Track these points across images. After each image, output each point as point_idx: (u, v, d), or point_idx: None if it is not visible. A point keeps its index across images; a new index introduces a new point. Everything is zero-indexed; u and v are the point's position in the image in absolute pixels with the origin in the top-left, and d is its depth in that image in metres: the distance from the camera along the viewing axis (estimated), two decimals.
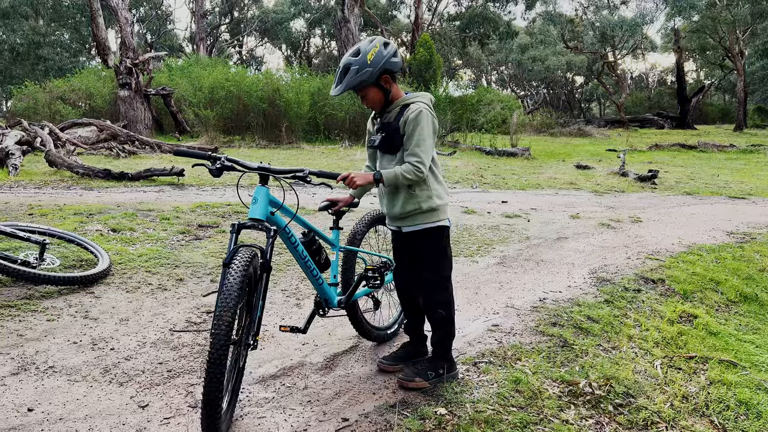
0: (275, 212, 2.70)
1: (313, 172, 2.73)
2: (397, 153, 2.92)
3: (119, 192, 8.32)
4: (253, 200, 2.65)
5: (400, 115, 2.88)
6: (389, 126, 2.91)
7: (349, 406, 2.80)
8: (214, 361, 2.24)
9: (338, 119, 19.12)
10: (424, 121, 2.81)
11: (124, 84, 17.81)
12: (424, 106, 2.85)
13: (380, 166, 3.03)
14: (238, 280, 2.33)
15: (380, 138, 2.93)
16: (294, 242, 2.82)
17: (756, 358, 3.95)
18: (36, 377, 2.91)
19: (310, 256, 2.91)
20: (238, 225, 2.62)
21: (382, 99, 2.87)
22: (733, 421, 3.05)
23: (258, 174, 2.70)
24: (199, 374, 3.02)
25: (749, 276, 5.45)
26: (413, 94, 2.94)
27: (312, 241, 2.95)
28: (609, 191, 10.50)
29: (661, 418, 2.92)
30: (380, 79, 2.80)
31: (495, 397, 2.90)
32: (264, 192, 2.65)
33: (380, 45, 2.78)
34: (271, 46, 52.08)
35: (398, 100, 2.92)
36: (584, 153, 18.72)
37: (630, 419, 2.86)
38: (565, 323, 3.94)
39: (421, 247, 2.97)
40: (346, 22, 23.24)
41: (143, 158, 12.61)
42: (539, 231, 6.78)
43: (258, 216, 2.61)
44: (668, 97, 46.93)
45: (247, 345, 2.62)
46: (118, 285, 4.22)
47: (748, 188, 11.06)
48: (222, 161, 2.66)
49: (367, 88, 2.81)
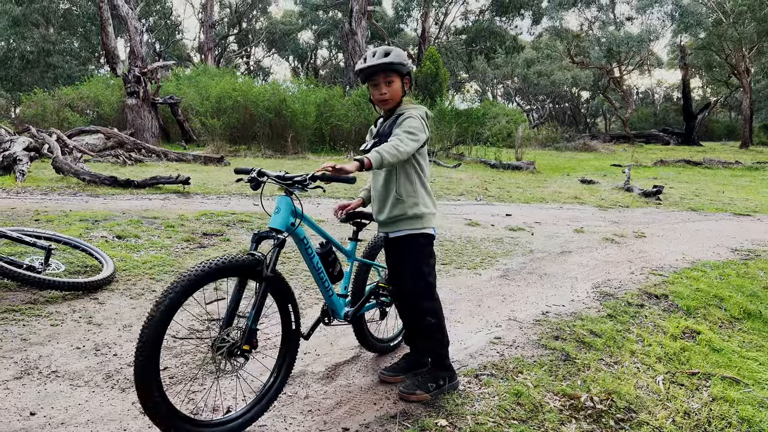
0: (295, 223, 2.71)
1: (326, 177, 2.69)
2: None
3: (125, 199, 8.35)
4: (275, 210, 2.67)
5: (394, 123, 2.93)
6: (383, 134, 2.96)
7: (350, 416, 2.80)
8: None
9: (344, 130, 19.20)
10: (416, 121, 2.83)
11: (132, 92, 17.94)
12: (417, 114, 2.89)
13: (372, 172, 3.06)
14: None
15: (372, 143, 2.96)
16: (310, 253, 2.84)
17: (759, 376, 3.92)
18: (39, 381, 2.92)
19: (324, 268, 2.91)
20: (259, 235, 2.63)
21: (399, 97, 2.94)
22: None
23: (281, 183, 2.70)
24: (201, 381, 3.03)
25: (753, 293, 5.43)
26: (410, 105, 2.99)
27: (328, 252, 2.97)
28: (613, 206, 10.49)
29: None
30: (406, 77, 2.92)
31: (496, 409, 2.89)
32: (286, 202, 2.67)
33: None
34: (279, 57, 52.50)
35: (399, 108, 2.97)
36: (589, 168, 18.72)
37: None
38: (568, 337, 3.93)
39: (406, 254, 2.99)
40: (353, 35, 23.39)
41: (149, 166, 12.67)
42: (543, 245, 6.78)
43: (278, 226, 2.63)
44: (674, 114, 47.02)
45: (231, 353, 2.52)
46: (122, 291, 4.24)
47: (753, 205, 11.03)
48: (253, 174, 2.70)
49: (397, 76, 2.88)
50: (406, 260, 3.00)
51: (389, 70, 2.86)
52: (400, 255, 3.00)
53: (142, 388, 2.24)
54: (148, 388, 2.24)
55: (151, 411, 2.27)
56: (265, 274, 2.57)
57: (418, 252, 2.99)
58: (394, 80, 2.88)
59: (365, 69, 2.87)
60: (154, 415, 2.29)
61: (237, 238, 6.05)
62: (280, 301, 2.71)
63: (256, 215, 7.29)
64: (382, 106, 2.99)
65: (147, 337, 2.22)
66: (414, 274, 2.99)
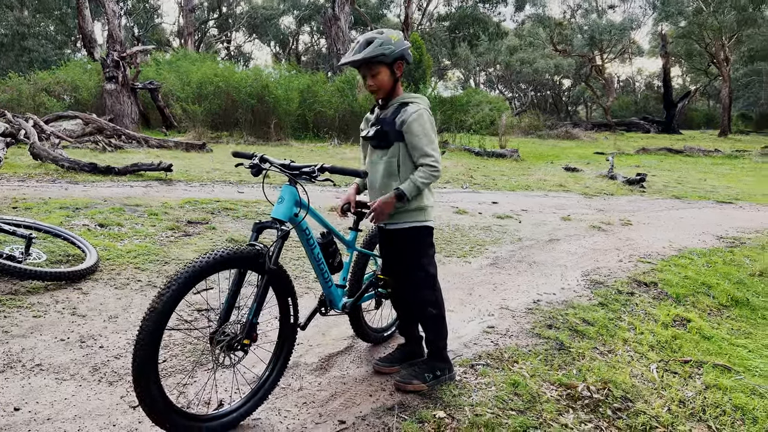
0: (299, 212, 2.63)
1: (335, 169, 2.63)
2: (389, 148, 2.88)
3: (106, 186, 8.17)
4: (279, 199, 2.58)
5: (397, 113, 2.84)
6: (384, 121, 2.87)
7: (346, 408, 2.74)
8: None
9: (327, 117, 19.02)
10: (427, 122, 2.81)
11: (111, 77, 17.56)
12: (424, 109, 2.84)
13: (370, 161, 3.00)
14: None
15: (375, 131, 2.88)
16: (312, 244, 2.75)
17: (749, 363, 3.95)
18: (22, 375, 2.82)
19: (324, 258, 2.84)
20: (259, 225, 2.54)
21: (390, 85, 2.84)
22: (729, 426, 3.04)
23: (286, 172, 2.62)
24: (192, 374, 2.95)
25: (740, 280, 5.47)
26: (412, 95, 2.92)
27: (329, 243, 2.89)
28: (598, 194, 10.53)
29: (660, 423, 2.89)
30: (395, 63, 2.80)
31: (494, 400, 2.86)
32: (291, 191, 2.59)
33: (400, 34, 2.82)
34: (260, 42, 51.81)
35: (398, 97, 2.90)
36: (572, 155, 18.79)
37: (629, 424, 2.84)
38: (561, 326, 3.91)
39: (408, 246, 2.93)
40: (336, 20, 23.13)
41: (129, 153, 12.43)
42: (531, 232, 6.76)
43: (280, 216, 2.54)
44: (654, 102, 47.38)
45: (230, 347, 2.45)
46: (106, 281, 4.13)
47: (735, 193, 11.15)
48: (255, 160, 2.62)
49: (381, 66, 2.78)
50: (406, 252, 2.94)
51: (371, 63, 2.77)
52: (400, 247, 2.94)
53: (139, 382, 2.17)
54: (146, 382, 2.17)
55: (148, 405, 2.20)
56: (267, 267, 2.48)
57: (419, 244, 2.94)
58: (379, 71, 2.79)
59: (348, 64, 2.80)
60: (150, 410, 2.21)
61: (222, 227, 5.94)
62: (280, 294, 2.63)
63: (241, 203, 7.18)
64: (373, 95, 2.92)
65: (147, 329, 2.14)
66: (415, 265, 2.93)
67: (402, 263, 2.99)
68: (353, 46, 2.79)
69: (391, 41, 2.74)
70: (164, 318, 2.19)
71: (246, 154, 2.71)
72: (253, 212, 6.69)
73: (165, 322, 2.20)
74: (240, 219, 6.32)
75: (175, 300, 2.21)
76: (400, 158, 2.85)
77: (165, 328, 2.21)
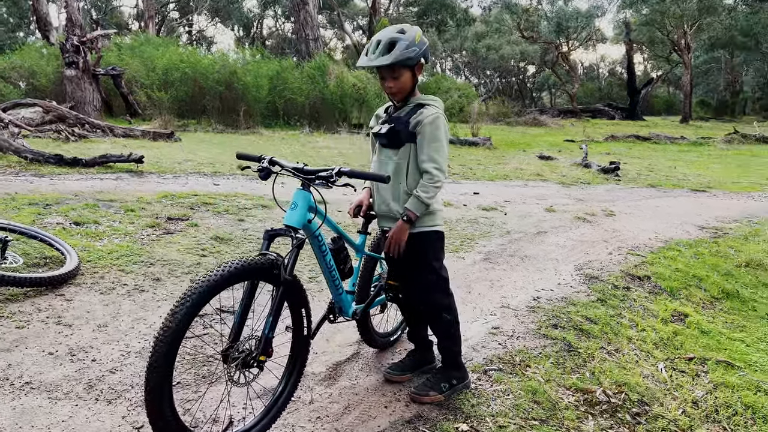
0: (313, 219, 2.47)
1: (355, 173, 2.43)
2: (399, 149, 2.74)
3: (74, 179, 7.81)
4: (291, 205, 2.41)
5: (412, 113, 2.70)
6: (398, 120, 2.72)
7: (362, 422, 2.62)
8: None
9: (298, 104, 18.69)
10: (442, 127, 2.67)
11: (71, 63, 16.83)
12: (441, 112, 2.70)
13: (378, 160, 2.85)
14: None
15: (387, 129, 2.73)
16: (324, 250, 2.59)
17: (749, 358, 3.95)
18: (12, 395, 2.60)
19: (335, 265, 2.68)
20: (271, 232, 2.36)
21: (410, 87, 2.69)
22: (744, 427, 3.02)
23: (299, 176, 2.45)
24: (194, 389, 2.78)
25: (728, 272, 5.51)
26: (429, 96, 2.78)
27: (341, 249, 2.73)
28: (575, 183, 10.57)
29: (678, 427, 2.85)
30: (416, 65, 2.64)
31: (513, 409, 2.77)
32: (304, 196, 2.42)
33: (420, 31, 2.65)
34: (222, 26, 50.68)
35: (415, 97, 2.75)
36: (543, 143, 18.90)
37: (649, 429, 2.79)
38: (566, 325, 3.85)
39: (420, 251, 2.79)
40: (304, 4, 22.69)
41: (95, 142, 11.97)
42: (518, 225, 6.71)
43: (294, 223, 2.37)
44: (618, 88, 48.16)
45: (245, 364, 2.31)
46: (90, 286, 3.89)
47: (707, 181, 11.34)
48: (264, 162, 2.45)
49: (404, 69, 2.62)
50: (416, 258, 2.80)
51: (395, 66, 2.61)
52: (415, 252, 2.80)
53: (152, 406, 2.00)
54: (159, 405, 2.01)
55: (161, 430, 2.04)
56: (283, 278, 2.32)
57: (429, 249, 2.81)
58: (402, 74, 2.63)
59: (371, 67, 2.64)
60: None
61: (204, 223, 5.71)
62: (293, 306, 2.48)
63: (220, 196, 6.94)
64: (390, 97, 2.77)
65: (161, 350, 1.98)
66: (427, 270, 2.81)
67: (413, 268, 2.86)
68: (370, 45, 2.61)
69: (415, 42, 2.57)
70: (179, 336, 2.03)
71: (252, 156, 2.54)
72: (234, 207, 6.46)
73: (180, 340, 2.04)
74: (222, 214, 6.09)
75: (190, 317, 2.05)
76: (409, 161, 2.72)
77: (179, 347, 2.05)
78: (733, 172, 12.81)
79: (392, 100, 2.79)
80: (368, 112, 19.74)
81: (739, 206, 8.74)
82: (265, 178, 2.45)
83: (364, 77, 19.54)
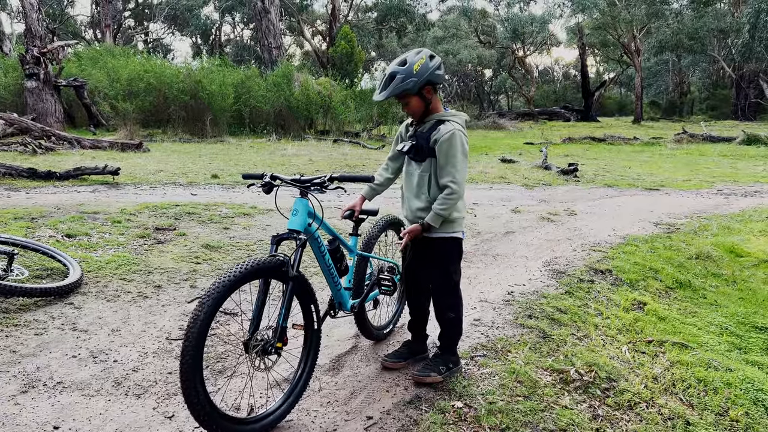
0: (312, 223, 2.80)
1: (345, 177, 2.89)
2: (423, 162, 3.09)
3: (50, 193, 7.91)
4: (293, 212, 2.75)
5: (433, 130, 3.02)
6: (420, 136, 3.07)
7: (368, 404, 2.95)
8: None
9: (264, 112, 18.86)
10: (458, 143, 2.96)
11: (32, 74, 16.68)
12: (458, 128, 2.99)
13: (406, 171, 3.22)
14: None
15: (410, 145, 3.09)
16: (323, 251, 2.94)
17: (700, 339, 4.42)
18: (47, 394, 2.85)
19: (333, 263, 3.03)
20: (278, 237, 2.71)
21: (422, 108, 3.03)
22: (697, 397, 3.45)
23: (298, 186, 2.80)
24: (213, 381, 3.06)
25: (681, 264, 6.02)
26: (450, 112, 3.08)
27: (336, 249, 3.08)
28: (537, 184, 11.09)
29: (641, 399, 3.26)
30: (423, 90, 2.95)
31: (500, 388, 3.14)
32: (303, 204, 2.76)
33: (426, 57, 2.91)
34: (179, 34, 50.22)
35: (435, 114, 3.06)
36: (504, 146, 19.51)
37: (617, 401, 3.19)
38: (539, 315, 4.25)
39: (438, 254, 3.15)
40: (266, 13, 22.86)
41: (63, 155, 11.96)
42: (488, 226, 7.13)
43: (297, 227, 2.72)
44: (572, 91, 49.58)
45: (265, 352, 2.62)
46: (95, 294, 4.12)
47: (659, 180, 12.00)
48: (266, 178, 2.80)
49: (409, 97, 2.96)
50: (433, 261, 3.16)
51: (396, 96, 2.95)
52: (427, 256, 3.14)
53: (188, 387, 2.29)
54: (193, 386, 2.29)
55: (196, 409, 2.32)
56: (291, 275, 2.65)
57: (445, 254, 3.16)
58: (409, 100, 2.99)
59: (378, 101, 3.01)
60: (198, 414, 2.33)
61: (192, 232, 5.95)
62: (303, 301, 2.80)
63: (201, 206, 7.16)
64: (412, 118, 3.13)
65: (193, 336, 2.28)
66: (444, 273, 3.17)
67: (429, 269, 3.21)
68: (381, 79, 2.96)
69: (413, 72, 2.86)
70: (207, 324, 2.34)
71: (256, 174, 2.87)
72: (218, 215, 6.70)
73: (208, 327, 2.35)
74: (207, 223, 6.33)
75: (215, 308, 2.36)
76: (432, 173, 3.06)
77: (207, 334, 2.36)
78: (682, 171, 13.55)
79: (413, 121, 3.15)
80: (333, 119, 20.04)
81: (689, 203, 9.36)
82: (269, 191, 2.79)
83: (329, 84, 19.84)
